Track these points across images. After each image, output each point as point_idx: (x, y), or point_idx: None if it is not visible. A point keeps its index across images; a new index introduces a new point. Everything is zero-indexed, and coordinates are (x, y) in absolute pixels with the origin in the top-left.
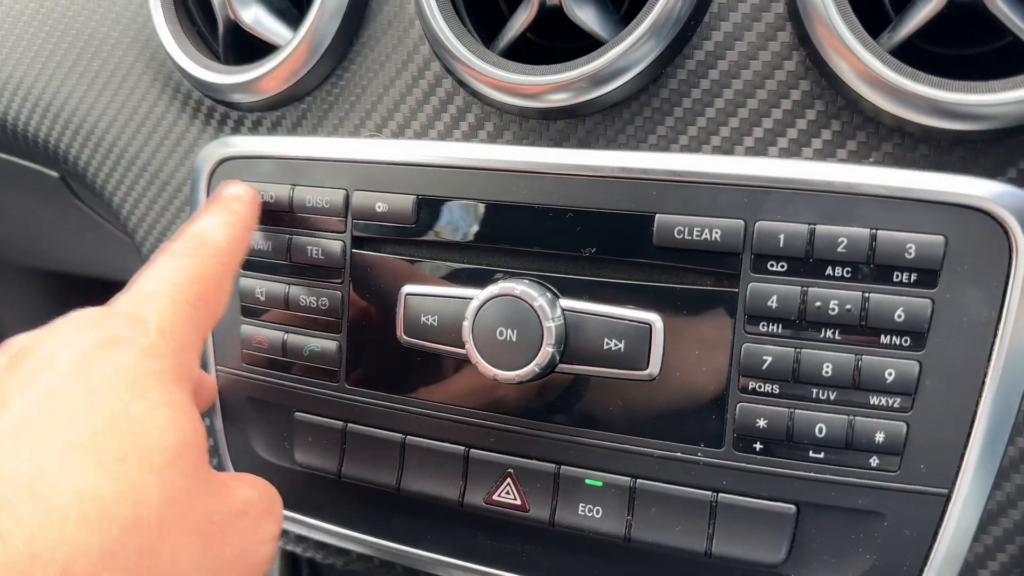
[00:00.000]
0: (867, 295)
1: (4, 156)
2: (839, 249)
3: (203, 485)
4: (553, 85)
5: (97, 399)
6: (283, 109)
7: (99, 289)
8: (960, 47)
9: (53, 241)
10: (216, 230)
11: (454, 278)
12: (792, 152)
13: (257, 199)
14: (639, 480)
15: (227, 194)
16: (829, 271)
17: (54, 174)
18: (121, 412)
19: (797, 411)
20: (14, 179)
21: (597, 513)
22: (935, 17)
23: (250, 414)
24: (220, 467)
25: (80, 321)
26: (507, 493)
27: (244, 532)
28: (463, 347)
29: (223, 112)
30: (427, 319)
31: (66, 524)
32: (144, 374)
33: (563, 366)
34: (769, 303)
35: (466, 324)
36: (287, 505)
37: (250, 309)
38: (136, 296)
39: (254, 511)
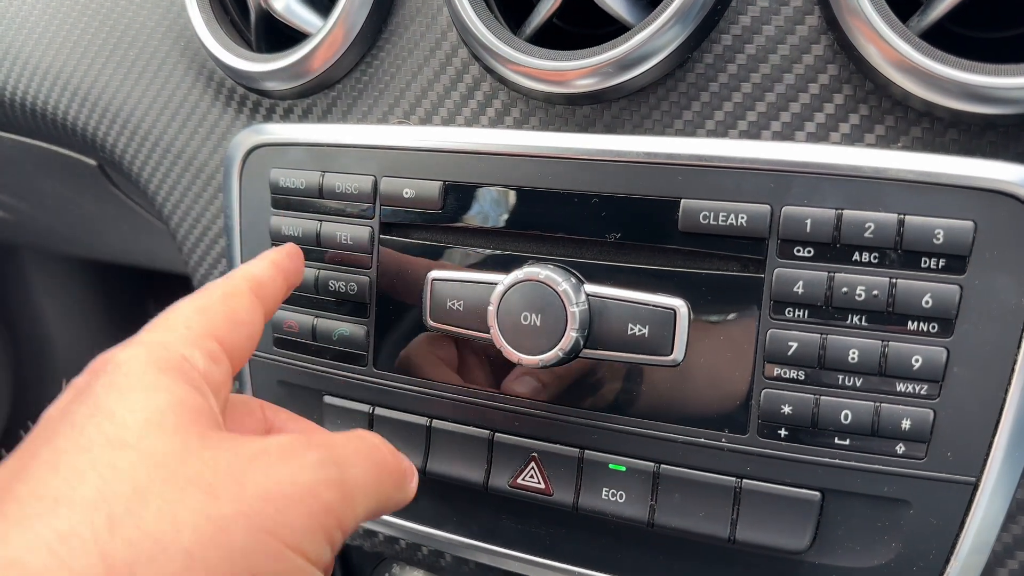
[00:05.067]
0: (894, 281)
1: (44, 144)
2: (866, 234)
3: (196, 441)
4: (579, 70)
5: (75, 395)
6: (313, 96)
7: (136, 277)
8: (991, 30)
9: (91, 229)
10: (251, 264)
11: (480, 263)
12: (820, 137)
13: (297, 251)
14: (663, 465)
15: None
16: (856, 257)
17: (92, 162)
18: (90, 402)
19: (823, 397)
20: (53, 167)
21: (620, 498)
22: None
23: (280, 397)
24: None
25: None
26: (531, 477)
27: (266, 468)
28: (488, 332)
29: (255, 100)
30: (453, 304)
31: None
32: (129, 360)
33: (587, 351)
34: (795, 289)
35: (491, 309)
36: None
37: None
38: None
39: (276, 449)
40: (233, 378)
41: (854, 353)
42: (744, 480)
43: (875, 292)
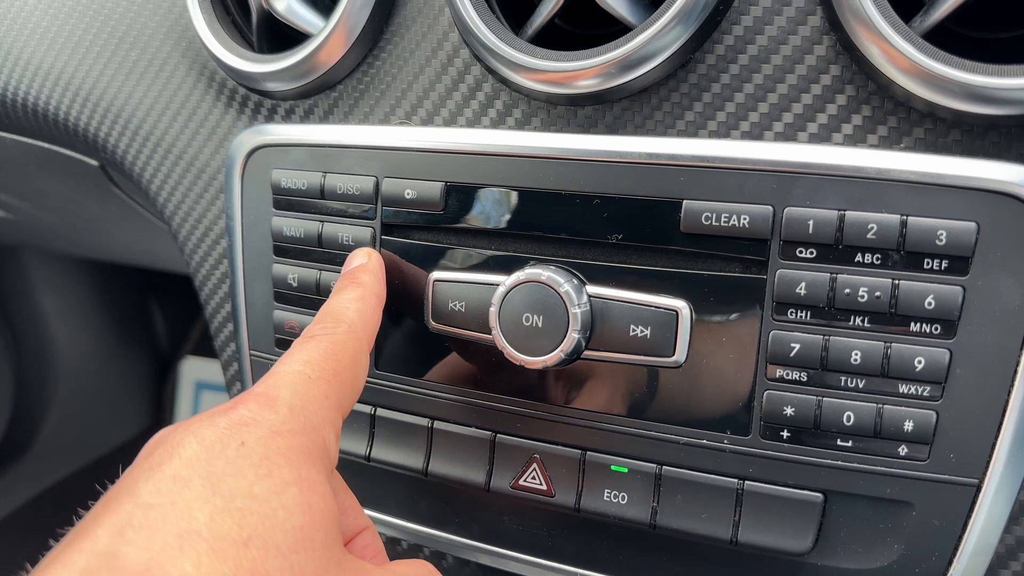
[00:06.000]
0: (897, 282)
1: (46, 145)
2: (869, 235)
3: (334, 568)
4: (582, 71)
5: (219, 481)
6: (315, 97)
7: (138, 277)
8: (994, 30)
9: (93, 229)
10: (348, 307)
11: (481, 264)
12: (822, 137)
13: (382, 264)
14: (665, 467)
15: (353, 266)
16: (859, 258)
17: (94, 163)
18: (243, 492)
19: (825, 399)
20: (56, 168)
21: (622, 499)
22: None
23: None
24: None
25: (214, 409)
26: (533, 478)
27: None
28: (490, 333)
29: (257, 101)
30: (455, 305)
31: None
32: (272, 452)
33: (589, 352)
34: (797, 290)
35: (493, 310)
36: None
37: (282, 295)
38: (270, 378)
39: None
40: None
41: (856, 354)
42: (746, 482)
43: (878, 293)
